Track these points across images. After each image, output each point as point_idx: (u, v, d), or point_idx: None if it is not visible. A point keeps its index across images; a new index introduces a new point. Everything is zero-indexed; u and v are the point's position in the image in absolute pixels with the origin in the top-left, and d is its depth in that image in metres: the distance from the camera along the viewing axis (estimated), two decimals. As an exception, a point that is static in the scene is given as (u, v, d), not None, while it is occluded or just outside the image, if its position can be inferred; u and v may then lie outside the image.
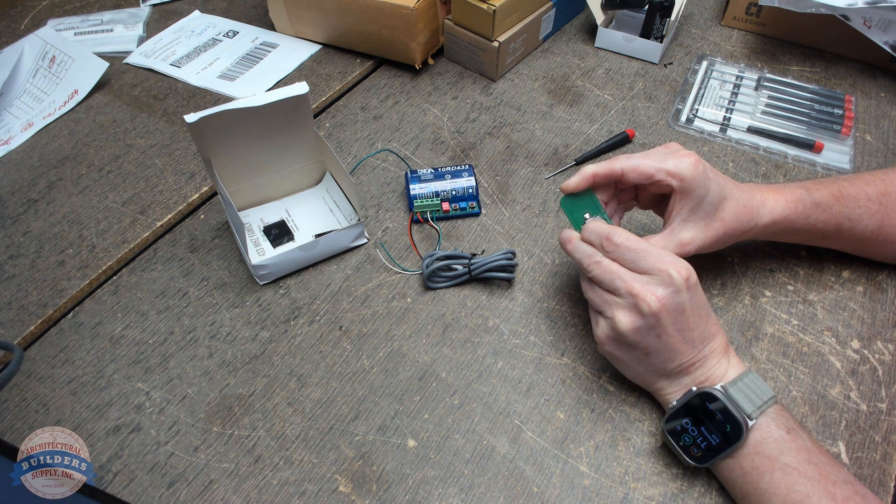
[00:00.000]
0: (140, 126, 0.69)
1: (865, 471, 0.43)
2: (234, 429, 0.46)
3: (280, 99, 0.50)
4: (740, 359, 0.44)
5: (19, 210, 0.61)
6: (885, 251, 0.52)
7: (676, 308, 0.40)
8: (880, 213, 0.50)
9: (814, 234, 0.50)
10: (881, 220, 0.50)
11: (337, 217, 0.58)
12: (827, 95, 0.69)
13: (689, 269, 0.41)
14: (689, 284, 0.41)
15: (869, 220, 0.50)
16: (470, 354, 0.50)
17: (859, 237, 0.51)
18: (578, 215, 0.46)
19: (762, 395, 0.40)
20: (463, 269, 0.53)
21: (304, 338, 0.51)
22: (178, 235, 0.59)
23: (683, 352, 0.42)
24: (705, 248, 0.46)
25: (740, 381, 0.41)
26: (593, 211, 0.46)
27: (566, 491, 0.43)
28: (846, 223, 0.50)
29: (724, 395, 0.40)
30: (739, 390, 0.41)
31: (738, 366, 0.43)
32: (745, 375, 0.42)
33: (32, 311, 0.53)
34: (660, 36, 0.74)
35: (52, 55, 0.76)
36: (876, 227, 0.50)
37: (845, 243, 0.52)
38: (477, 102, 0.71)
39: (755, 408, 0.40)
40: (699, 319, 0.42)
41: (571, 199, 0.47)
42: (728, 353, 0.43)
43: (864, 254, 0.54)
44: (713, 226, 0.46)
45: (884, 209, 0.50)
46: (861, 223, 0.50)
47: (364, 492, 0.43)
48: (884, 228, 0.50)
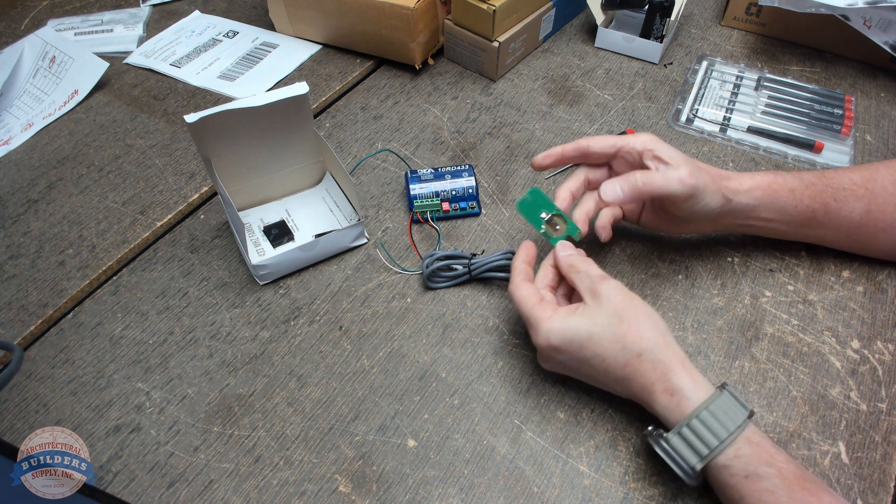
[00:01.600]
0: (140, 126, 0.69)
1: (865, 471, 0.43)
2: (234, 429, 0.46)
3: (280, 99, 0.50)
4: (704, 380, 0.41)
5: (19, 210, 0.61)
6: (879, 241, 0.51)
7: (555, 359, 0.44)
8: (867, 197, 0.49)
9: (802, 212, 0.49)
10: (868, 203, 0.49)
11: (337, 217, 0.58)
12: (827, 95, 0.69)
13: (548, 338, 0.42)
14: (551, 349, 0.43)
15: (855, 203, 0.49)
16: (470, 354, 0.50)
17: (848, 222, 0.50)
18: (536, 216, 0.49)
19: (717, 434, 0.38)
20: (463, 269, 0.53)
21: (304, 338, 0.51)
22: (178, 235, 0.59)
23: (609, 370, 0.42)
24: (703, 184, 0.46)
25: (695, 419, 0.38)
26: (548, 209, 0.48)
27: (566, 491, 0.43)
28: (832, 203, 0.49)
29: (662, 450, 0.40)
30: (683, 440, 0.39)
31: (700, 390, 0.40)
32: (701, 410, 0.38)
33: (32, 311, 0.53)
34: (660, 36, 0.74)
35: (52, 55, 0.76)
36: (863, 210, 0.49)
37: (836, 231, 0.51)
38: (477, 102, 0.71)
39: (699, 459, 0.38)
40: (591, 368, 0.42)
41: (527, 203, 0.49)
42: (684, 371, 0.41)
43: (859, 246, 0.53)
44: (700, 167, 0.47)
45: (870, 193, 0.49)
46: (847, 205, 0.49)
47: (364, 492, 0.43)
48: (872, 213, 0.49)
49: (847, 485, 0.43)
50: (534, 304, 0.44)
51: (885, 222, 0.50)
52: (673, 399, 0.40)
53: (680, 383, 0.40)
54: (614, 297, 0.42)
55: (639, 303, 0.43)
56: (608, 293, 0.42)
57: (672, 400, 0.40)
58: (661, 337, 0.41)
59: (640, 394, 0.41)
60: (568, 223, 0.49)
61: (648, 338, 0.41)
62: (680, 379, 0.40)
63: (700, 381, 0.40)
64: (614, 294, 0.42)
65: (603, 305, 0.42)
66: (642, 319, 0.42)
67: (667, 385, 0.40)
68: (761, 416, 0.46)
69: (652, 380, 0.40)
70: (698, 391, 0.39)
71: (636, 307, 0.42)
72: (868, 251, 0.53)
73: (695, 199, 0.46)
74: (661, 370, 0.40)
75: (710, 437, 0.38)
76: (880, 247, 0.52)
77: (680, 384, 0.40)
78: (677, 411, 0.39)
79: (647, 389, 0.41)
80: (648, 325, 0.41)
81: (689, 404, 0.39)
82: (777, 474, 0.37)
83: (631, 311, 0.42)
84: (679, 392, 0.39)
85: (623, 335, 0.41)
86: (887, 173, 0.50)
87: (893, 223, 0.50)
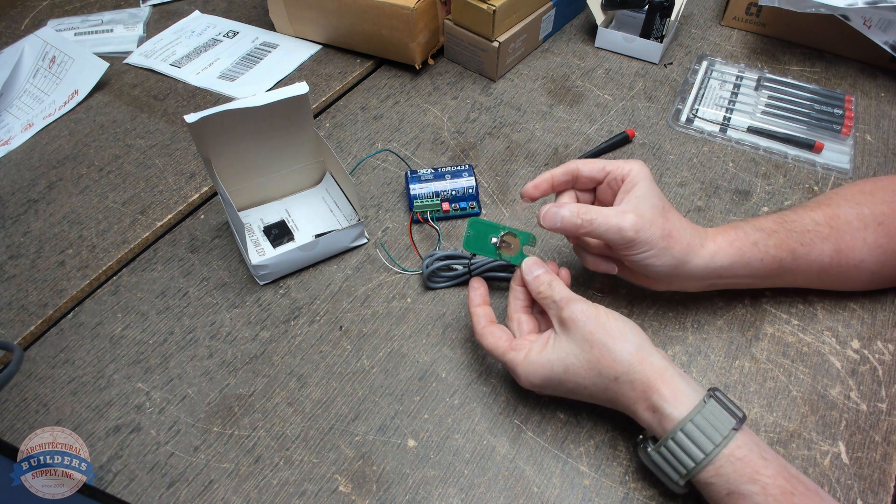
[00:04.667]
0: (140, 126, 0.69)
1: (865, 471, 0.43)
2: (234, 429, 0.46)
3: (280, 99, 0.50)
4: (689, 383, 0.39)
5: (19, 210, 0.61)
6: (851, 278, 0.49)
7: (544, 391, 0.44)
8: (833, 237, 0.47)
9: (768, 264, 0.46)
10: (836, 243, 0.47)
11: (337, 217, 0.58)
12: (827, 95, 0.69)
13: (529, 380, 0.42)
14: (535, 388, 0.43)
15: (823, 245, 0.47)
16: (470, 354, 0.50)
17: (818, 265, 0.47)
18: (486, 246, 0.47)
19: (696, 453, 0.37)
20: (463, 269, 0.53)
21: (304, 338, 0.51)
22: (178, 235, 0.59)
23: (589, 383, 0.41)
24: (646, 240, 0.42)
25: (675, 435, 0.38)
26: (494, 231, 0.47)
27: (566, 491, 0.43)
28: (800, 248, 0.46)
29: (647, 462, 0.40)
30: (663, 458, 0.38)
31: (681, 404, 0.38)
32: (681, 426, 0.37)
33: (32, 311, 0.53)
34: (660, 36, 0.74)
35: (52, 55, 0.76)
36: (832, 251, 0.47)
37: (806, 275, 0.49)
38: (477, 102, 0.71)
39: (680, 476, 0.38)
40: (578, 395, 0.42)
41: (472, 238, 0.47)
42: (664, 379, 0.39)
43: (833, 285, 0.50)
44: (657, 220, 0.43)
45: (836, 232, 0.47)
46: (815, 248, 0.47)
47: (364, 492, 0.43)
48: (842, 253, 0.47)
49: (847, 485, 0.43)
50: (505, 350, 0.43)
51: (856, 259, 0.47)
52: (654, 416, 0.39)
53: (659, 401, 0.38)
54: (581, 322, 0.40)
55: (605, 320, 0.41)
56: (574, 318, 0.41)
57: (654, 417, 0.39)
58: (635, 354, 0.39)
59: (626, 411, 0.41)
60: (518, 234, 0.47)
61: (621, 360, 0.39)
62: (659, 396, 0.38)
63: (682, 394, 0.38)
64: (580, 318, 0.41)
65: (571, 333, 0.41)
66: (613, 340, 0.40)
67: (648, 403, 0.39)
68: (761, 416, 0.46)
69: (633, 399, 0.40)
70: (679, 406, 0.38)
71: (604, 327, 0.40)
72: (843, 287, 0.51)
73: (636, 251, 0.43)
74: (640, 389, 0.39)
75: (691, 453, 0.37)
76: (853, 283, 0.50)
77: (659, 402, 0.38)
78: (659, 428, 0.39)
79: (630, 408, 0.40)
80: (620, 344, 0.40)
81: (669, 422, 0.38)
82: (761, 491, 0.35)
83: (600, 334, 0.40)
84: (659, 409, 0.38)
85: (596, 361, 0.40)
86: (849, 208, 0.48)
87: (865, 258, 0.47)
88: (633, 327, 0.41)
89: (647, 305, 0.52)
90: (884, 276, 0.49)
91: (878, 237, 0.47)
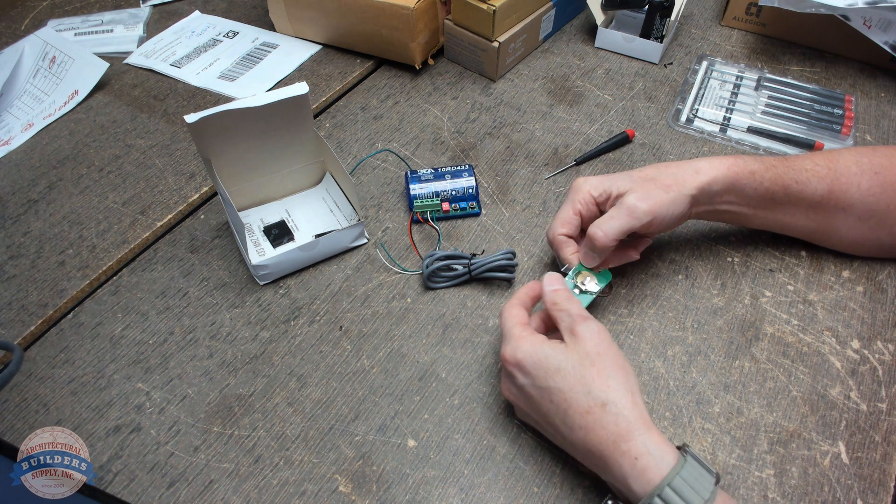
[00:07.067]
0: (140, 126, 0.69)
1: (865, 471, 0.43)
2: (234, 429, 0.46)
3: (280, 99, 0.50)
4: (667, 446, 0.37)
5: (20, 210, 0.61)
6: (836, 224, 0.51)
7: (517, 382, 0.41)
8: (829, 177, 0.49)
9: (762, 194, 0.49)
10: (831, 183, 0.49)
11: (337, 217, 0.58)
12: (827, 95, 0.69)
13: (515, 354, 0.41)
14: (516, 364, 0.41)
15: (818, 184, 0.49)
16: (470, 354, 0.50)
17: (809, 201, 0.49)
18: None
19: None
20: (463, 270, 0.53)
21: (304, 338, 0.51)
22: (178, 235, 0.59)
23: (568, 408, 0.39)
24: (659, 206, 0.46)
25: (668, 489, 0.35)
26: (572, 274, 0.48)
27: (566, 491, 0.43)
28: (794, 185, 0.48)
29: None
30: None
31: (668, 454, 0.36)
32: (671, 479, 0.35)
33: (33, 311, 0.53)
34: (660, 36, 0.74)
35: (52, 56, 0.76)
36: (826, 190, 0.49)
37: (795, 210, 0.50)
38: (477, 102, 0.71)
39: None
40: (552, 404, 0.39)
41: None
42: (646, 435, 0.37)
43: (817, 227, 0.52)
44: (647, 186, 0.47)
45: (833, 173, 0.49)
46: (810, 186, 0.49)
47: (364, 492, 0.43)
48: (833, 193, 0.49)
49: (847, 485, 0.43)
50: (516, 323, 0.43)
51: (846, 202, 0.49)
52: (638, 463, 0.36)
53: (646, 446, 0.36)
54: (591, 340, 0.40)
55: (615, 352, 0.40)
56: (586, 335, 0.40)
57: (637, 464, 0.36)
58: (629, 393, 0.38)
59: (597, 449, 0.37)
60: (597, 276, 0.48)
61: (616, 389, 0.38)
62: (646, 441, 0.36)
63: (666, 445, 0.36)
64: (592, 336, 0.40)
65: (578, 345, 0.40)
66: (615, 370, 0.39)
67: (630, 446, 0.36)
68: (761, 417, 0.46)
69: (613, 436, 0.37)
70: (666, 456, 0.36)
71: (611, 356, 0.40)
72: (826, 236, 0.53)
73: (660, 218, 0.46)
74: (624, 427, 0.37)
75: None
76: (838, 231, 0.52)
77: (646, 447, 0.36)
78: (643, 479, 0.35)
79: (606, 447, 0.37)
80: (619, 377, 0.39)
81: (658, 472, 0.35)
82: None
83: (606, 358, 0.39)
84: (645, 456, 0.36)
85: (591, 380, 0.38)
86: (850, 156, 0.50)
87: (855, 203, 0.49)
88: (635, 375, 0.40)
89: (647, 305, 0.52)
90: (869, 227, 0.51)
91: (872, 185, 0.49)
